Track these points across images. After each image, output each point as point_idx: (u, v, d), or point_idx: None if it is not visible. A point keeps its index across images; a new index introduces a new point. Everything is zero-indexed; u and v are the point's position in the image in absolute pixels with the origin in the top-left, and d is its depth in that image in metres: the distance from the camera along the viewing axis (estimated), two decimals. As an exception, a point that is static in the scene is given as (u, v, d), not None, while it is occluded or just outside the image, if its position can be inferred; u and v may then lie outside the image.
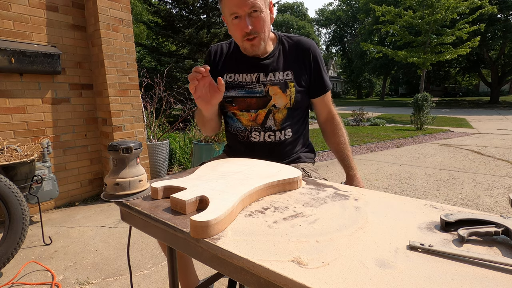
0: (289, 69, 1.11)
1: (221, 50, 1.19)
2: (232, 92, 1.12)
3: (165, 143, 3.54)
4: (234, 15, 1.00)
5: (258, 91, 1.09)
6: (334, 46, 42.74)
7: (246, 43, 1.05)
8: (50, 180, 2.30)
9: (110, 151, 0.76)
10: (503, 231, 0.50)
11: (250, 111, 1.11)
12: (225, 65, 1.16)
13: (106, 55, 2.73)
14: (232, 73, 1.14)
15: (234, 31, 1.04)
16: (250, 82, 1.11)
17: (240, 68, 1.13)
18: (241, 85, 1.11)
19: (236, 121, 1.15)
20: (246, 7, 0.97)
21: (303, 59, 1.12)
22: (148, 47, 8.82)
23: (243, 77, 1.12)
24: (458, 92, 35.37)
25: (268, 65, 1.11)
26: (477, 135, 6.84)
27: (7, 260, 1.62)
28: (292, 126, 1.13)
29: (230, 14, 1.00)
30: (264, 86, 1.09)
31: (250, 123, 1.12)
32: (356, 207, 0.66)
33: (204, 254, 0.56)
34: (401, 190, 3.10)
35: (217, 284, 1.54)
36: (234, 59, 1.15)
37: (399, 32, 12.39)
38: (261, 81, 1.10)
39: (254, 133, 1.12)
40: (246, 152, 1.14)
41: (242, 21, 1.00)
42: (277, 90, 1.08)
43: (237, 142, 1.17)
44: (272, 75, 1.10)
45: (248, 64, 1.12)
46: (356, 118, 9.78)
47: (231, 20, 1.02)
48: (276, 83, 1.09)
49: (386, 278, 0.40)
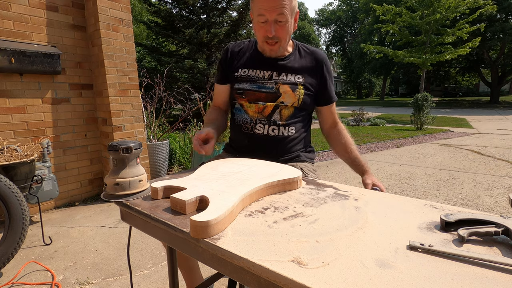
0: (300, 73, 1.16)
1: (239, 48, 1.24)
2: (244, 84, 1.16)
3: (165, 143, 3.54)
4: (261, 17, 1.04)
5: (269, 87, 1.14)
6: (334, 46, 42.71)
7: (266, 46, 1.11)
8: (50, 180, 2.30)
9: (110, 151, 0.76)
10: (503, 231, 0.50)
11: (258, 103, 1.14)
12: (242, 61, 1.21)
13: (106, 55, 2.73)
14: (246, 68, 1.18)
15: (258, 31, 1.10)
16: (262, 78, 1.15)
17: (255, 64, 1.18)
18: (254, 79, 1.16)
19: (243, 112, 1.18)
20: (274, 13, 1.02)
21: (315, 68, 1.18)
22: (148, 47, 8.82)
23: (256, 73, 1.17)
24: (458, 92, 35.31)
25: (282, 66, 1.16)
26: (477, 135, 6.84)
27: (7, 260, 1.62)
28: (296, 125, 1.17)
29: (258, 14, 1.04)
30: (276, 84, 1.14)
31: (256, 114, 1.15)
32: (356, 207, 0.66)
33: (204, 254, 0.56)
34: (401, 190, 3.10)
35: (217, 284, 1.54)
36: (251, 56, 1.21)
37: (399, 32, 12.39)
38: (273, 79, 1.15)
39: (258, 125, 1.14)
40: (248, 144, 1.17)
41: (267, 25, 1.05)
42: (287, 89, 1.13)
43: (240, 134, 1.19)
44: (284, 75, 1.15)
45: (263, 62, 1.17)
46: (356, 118, 9.77)
47: (258, 19, 1.06)
48: (287, 82, 1.14)
49: (386, 278, 0.40)
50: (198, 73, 7.56)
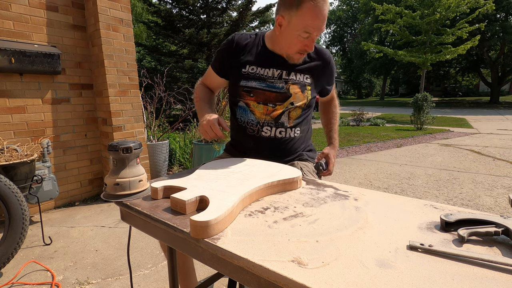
0: (309, 73, 1.16)
1: (246, 41, 1.18)
2: (253, 82, 1.12)
3: (165, 143, 3.54)
4: (307, 34, 1.01)
5: (279, 87, 1.12)
6: (334, 46, 42.69)
7: (297, 56, 1.10)
8: (50, 180, 2.30)
9: (110, 151, 0.76)
10: (503, 231, 0.50)
11: (267, 104, 1.12)
12: (249, 57, 1.16)
13: (106, 55, 2.73)
14: (255, 66, 1.15)
15: (296, 43, 1.05)
16: (272, 77, 1.13)
17: (264, 62, 1.14)
18: (263, 78, 1.13)
19: (248, 113, 1.14)
20: (320, 32, 1.02)
21: (322, 68, 1.20)
22: (148, 47, 8.82)
23: (265, 71, 1.13)
24: (458, 92, 35.30)
25: (292, 66, 1.14)
26: (477, 135, 6.84)
27: (7, 260, 1.62)
28: (302, 125, 1.18)
29: (305, 31, 1.00)
30: (286, 84, 1.12)
31: (264, 116, 1.12)
32: (356, 207, 0.66)
33: (204, 254, 0.56)
34: (401, 190, 3.10)
35: (217, 284, 1.54)
36: (260, 53, 1.16)
37: (399, 32, 12.38)
38: (283, 78, 1.13)
39: (266, 128, 1.13)
40: (253, 146, 1.15)
41: (309, 41, 1.04)
42: (297, 89, 1.12)
43: (245, 136, 1.16)
44: (294, 75, 1.14)
45: (273, 61, 1.14)
46: (356, 118, 9.76)
47: (301, 34, 1.01)
48: (296, 82, 1.13)
49: (386, 278, 0.40)
50: (198, 73, 7.56)
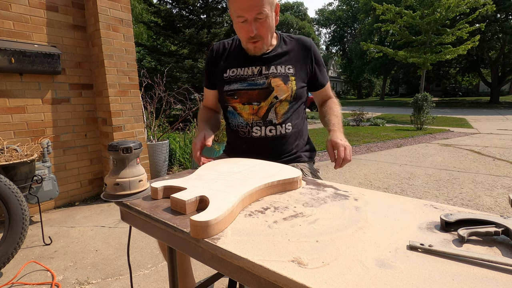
0: (290, 64, 1.14)
1: (224, 47, 1.21)
2: (234, 85, 1.13)
3: (165, 143, 3.54)
4: (241, 18, 1.01)
5: (260, 83, 1.11)
6: (334, 46, 42.73)
7: (249, 45, 1.09)
8: (50, 180, 2.30)
9: (110, 151, 0.76)
10: (503, 231, 0.50)
11: (252, 103, 1.11)
12: (228, 61, 1.18)
13: (106, 55, 2.73)
14: (235, 68, 1.16)
15: (239, 32, 1.08)
16: (252, 75, 1.13)
17: (242, 62, 1.15)
18: (243, 78, 1.13)
19: (237, 116, 1.15)
20: (253, 12, 0.99)
21: (304, 56, 1.16)
22: (148, 47, 8.82)
23: (245, 71, 1.14)
24: (458, 92, 35.29)
25: (270, 59, 1.13)
26: (477, 135, 6.84)
27: (7, 260, 1.62)
28: (292, 120, 1.15)
29: (237, 16, 1.02)
30: (266, 78, 1.11)
31: (251, 116, 1.12)
32: (356, 207, 0.66)
33: (204, 254, 0.56)
34: (401, 190, 3.10)
35: (217, 284, 1.54)
36: (237, 54, 1.18)
37: (399, 32, 12.38)
38: (263, 73, 1.12)
39: (255, 128, 1.12)
40: (247, 149, 1.15)
41: (248, 25, 1.02)
42: (279, 82, 1.10)
43: (237, 139, 1.18)
44: (274, 68, 1.12)
45: (250, 58, 1.14)
46: (356, 118, 9.76)
47: (237, 20, 1.03)
48: (278, 75, 1.11)
49: (386, 278, 0.40)
50: (198, 73, 7.56)
